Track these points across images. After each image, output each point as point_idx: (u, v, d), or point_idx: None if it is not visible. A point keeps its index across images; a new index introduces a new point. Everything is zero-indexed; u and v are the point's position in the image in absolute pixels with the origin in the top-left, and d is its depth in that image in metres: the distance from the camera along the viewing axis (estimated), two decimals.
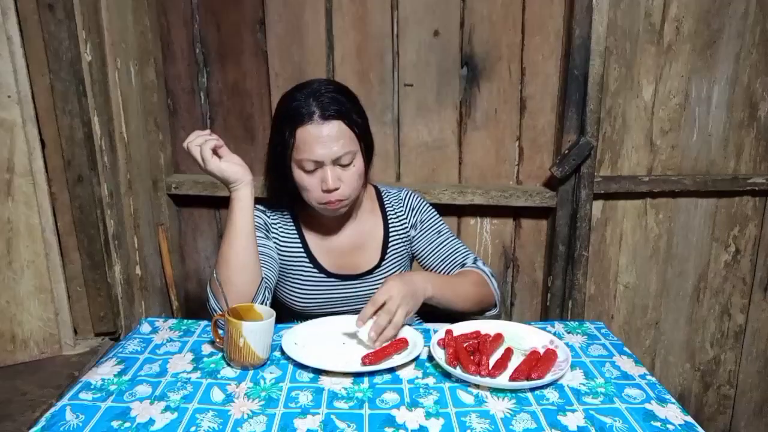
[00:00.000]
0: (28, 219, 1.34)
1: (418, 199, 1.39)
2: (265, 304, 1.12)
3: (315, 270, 1.29)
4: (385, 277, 1.31)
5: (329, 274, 1.29)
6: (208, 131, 1.12)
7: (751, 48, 1.76)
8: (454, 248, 1.34)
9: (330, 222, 1.30)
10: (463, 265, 1.31)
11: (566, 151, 1.74)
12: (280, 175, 1.23)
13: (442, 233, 1.36)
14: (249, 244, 1.12)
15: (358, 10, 1.78)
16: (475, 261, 1.32)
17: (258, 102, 1.89)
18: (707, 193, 1.87)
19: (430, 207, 1.40)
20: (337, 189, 1.17)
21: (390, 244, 1.33)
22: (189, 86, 1.90)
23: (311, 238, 1.31)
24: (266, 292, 1.15)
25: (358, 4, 1.78)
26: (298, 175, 1.19)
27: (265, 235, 1.28)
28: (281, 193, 1.28)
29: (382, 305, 1.05)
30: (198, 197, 1.92)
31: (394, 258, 1.34)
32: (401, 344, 1.04)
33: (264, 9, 1.80)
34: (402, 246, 1.35)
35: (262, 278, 1.15)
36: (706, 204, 1.89)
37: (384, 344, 1.04)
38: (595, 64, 1.69)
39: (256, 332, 0.97)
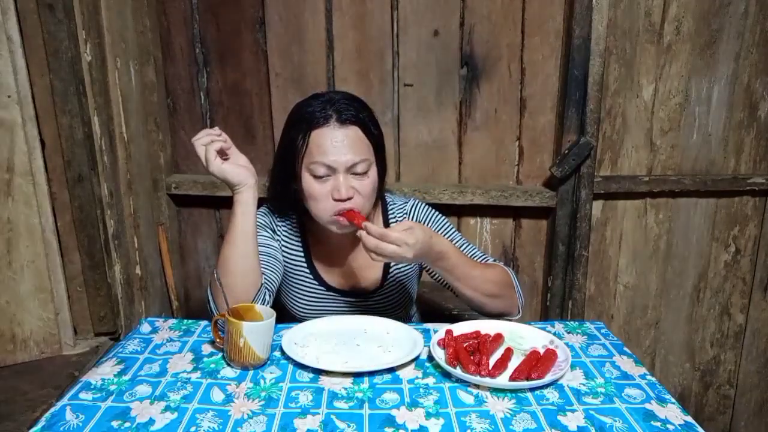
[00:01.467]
0: (28, 219, 1.34)
1: (425, 210, 1.32)
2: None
3: (315, 282, 1.27)
4: (387, 298, 1.29)
5: (329, 288, 1.27)
6: (217, 130, 1.08)
7: (750, 48, 1.76)
8: (471, 255, 1.26)
9: (336, 237, 1.23)
10: None
11: (566, 151, 1.74)
12: (286, 187, 1.19)
13: (455, 242, 1.26)
14: (249, 249, 1.09)
15: (358, 10, 1.78)
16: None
17: (258, 102, 1.88)
18: (707, 193, 1.87)
19: (439, 215, 1.32)
20: (350, 198, 1.12)
21: (392, 264, 1.28)
22: (189, 86, 1.90)
23: (315, 249, 1.28)
24: (266, 295, 1.13)
25: (358, 4, 1.78)
26: (308, 183, 1.13)
27: (270, 235, 1.26)
28: (285, 205, 1.25)
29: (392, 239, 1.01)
30: (198, 197, 1.92)
31: (398, 277, 1.29)
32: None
33: (264, 9, 1.80)
34: (406, 264, 1.29)
35: (263, 283, 1.13)
36: (706, 204, 1.89)
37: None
38: (595, 64, 1.69)
39: (256, 332, 0.97)
